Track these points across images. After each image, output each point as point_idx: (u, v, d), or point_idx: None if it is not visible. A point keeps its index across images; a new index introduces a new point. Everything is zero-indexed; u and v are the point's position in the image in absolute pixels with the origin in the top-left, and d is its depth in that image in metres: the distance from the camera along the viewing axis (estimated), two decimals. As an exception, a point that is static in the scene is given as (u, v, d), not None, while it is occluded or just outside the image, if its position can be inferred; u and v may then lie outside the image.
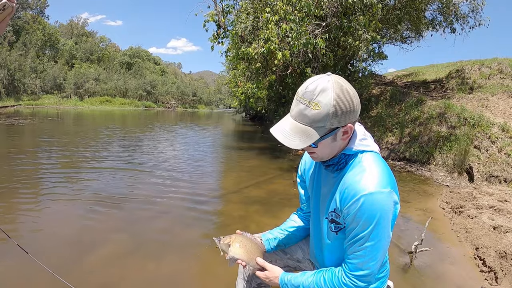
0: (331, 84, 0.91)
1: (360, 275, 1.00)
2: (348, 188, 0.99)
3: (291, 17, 6.08)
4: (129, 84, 47.73)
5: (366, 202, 0.93)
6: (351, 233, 0.99)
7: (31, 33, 40.29)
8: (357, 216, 0.95)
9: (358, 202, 0.94)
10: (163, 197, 3.81)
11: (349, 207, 0.97)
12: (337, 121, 0.93)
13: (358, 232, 0.96)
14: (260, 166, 6.05)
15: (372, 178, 0.95)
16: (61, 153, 6.44)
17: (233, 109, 37.96)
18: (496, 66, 8.97)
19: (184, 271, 2.19)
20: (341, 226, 1.06)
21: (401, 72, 17.06)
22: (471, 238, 2.80)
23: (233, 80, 11.31)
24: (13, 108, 25.89)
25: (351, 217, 0.97)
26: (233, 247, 1.23)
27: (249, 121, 25.80)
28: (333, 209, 1.07)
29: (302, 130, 0.95)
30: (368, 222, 0.94)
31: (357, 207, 0.94)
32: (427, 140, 6.42)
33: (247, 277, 1.41)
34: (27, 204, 3.32)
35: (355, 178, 0.98)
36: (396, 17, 8.81)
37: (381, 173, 0.97)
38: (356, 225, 0.96)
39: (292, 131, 0.96)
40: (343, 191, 1.01)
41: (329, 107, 0.90)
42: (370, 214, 0.93)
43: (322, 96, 0.91)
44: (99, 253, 2.34)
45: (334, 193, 1.06)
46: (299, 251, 1.40)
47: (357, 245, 0.98)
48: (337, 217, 1.06)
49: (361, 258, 0.98)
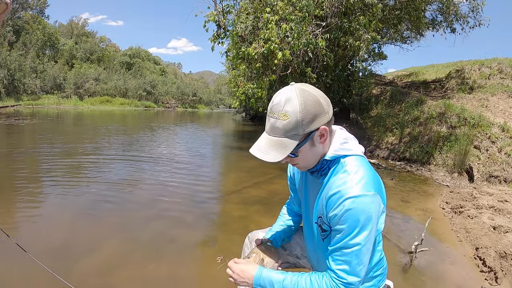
0: (294, 92, 0.93)
1: (348, 283, 0.97)
2: (332, 193, 0.98)
3: (292, 17, 6.08)
4: (129, 84, 47.72)
5: (351, 205, 0.92)
6: (336, 238, 0.97)
7: (31, 33, 40.30)
8: (342, 220, 0.94)
9: (343, 206, 0.93)
10: (163, 197, 3.81)
11: (334, 211, 0.96)
12: (308, 126, 0.94)
13: (344, 237, 0.95)
14: (260, 166, 6.05)
15: (356, 182, 0.95)
16: (61, 153, 6.44)
17: (233, 109, 37.95)
18: (496, 66, 8.97)
19: (184, 271, 2.19)
20: (327, 233, 1.05)
21: (401, 72, 17.07)
22: (471, 238, 2.80)
23: (233, 80, 11.30)
24: (13, 108, 25.89)
25: (336, 221, 0.96)
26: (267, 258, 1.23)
27: (249, 121, 25.80)
28: (320, 214, 1.06)
29: (277, 142, 0.96)
30: (353, 226, 0.93)
31: (342, 210, 0.94)
32: (427, 140, 6.42)
33: None
34: (26, 204, 3.32)
35: (339, 182, 0.98)
36: (396, 17, 8.82)
37: (364, 176, 0.96)
38: (341, 229, 0.95)
39: (267, 146, 0.97)
40: (328, 196, 1.00)
41: (297, 113, 0.92)
42: (355, 217, 0.92)
43: (288, 106, 0.92)
44: (99, 253, 2.34)
45: (321, 199, 1.05)
46: (298, 247, 1.41)
47: (343, 250, 0.96)
48: (323, 224, 1.05)
49: (348, 263, 0.96)
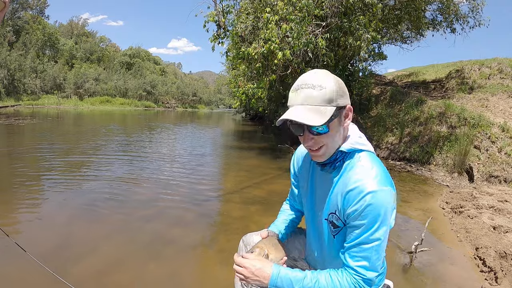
0: (324, 72, 0.99)
1: (368, 279, 0.97)
2: (350, 188, 0.98)
3: (292, 17, 6.07)
4: (129, 84, 47.73)
5: (371, 200, 0.93)
6: (354, 234, 0.97)
7: (31, 33, 40.30)
8: (362, 215, 0.94)
9: (364, 201, 0.94)
10: (163, 196, 3.81)
11: (354, 206, 0.96)
12: (340, 99, 0.97)
13: (363, 232, 0.95)
14: (260, 166, 6.05)
15: (373, 177, 0.96)
16: (61, 153, 6.44)
17: (233, 109, 37.95)
18: (496, 66, 8.97)
19: (184, 271, 2.19)
20: (339, 229, 1.05)
21: (401, 72, 17.06)
22: (471, 238, 2.79)
23: (234, 80, 11.32)
24: (13, 108, 25.88)
25: (356, 217, 0.96)
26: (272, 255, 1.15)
27: (249, 121, 25.80)
28: (333, 210, 1.05)
29: (314, 110, 0.95)
30: (373, 221, 0.94)
31: (363, 206, 0.94)
32: (427, 140, 6.42)
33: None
34: (26, 204, 3.32)
35: (356, 177, 0.98)
36: (396, 17, 8.81)
37: (379, 172, 0.98)
38: (360, 225, 0.95)
39: (304, 113, 0.95)
40: (346, 192, 1.00)
41: (332, 86, 0.96)
42: (375, 212, 0.93)
43: (323, 79, 0.96)
44: (99, 252, 2.34)
45: (335, 194, 1.04)
46: (296, 250, 1.40)
47: (362, 246, 0.96)
48: (337, 220, 1.04)
49: (368, 259, 0.96)
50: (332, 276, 1.01)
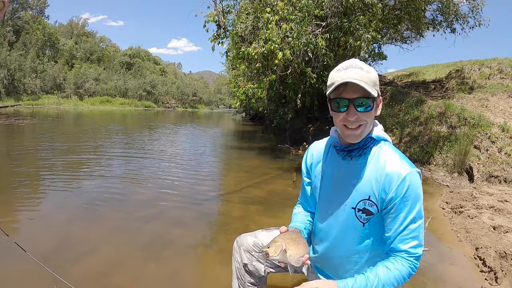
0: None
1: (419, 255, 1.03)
2: (388, 171, 1.03)
3: (292, 17, 6.07)
4: (129, 84, 47.74)
5: (412, 180, 1.00)
6: (401, 217, 1.01)
7: (31, 33, 40.32)
8: (406, 195, 1.00)
9: (405, 182, 1.00)
10: (163, 196, 3.81)
11: (397, 188, 1.00)
12: (378, 89, 1.07)
13: (409, 213, 1.01)
14: (260, 166, 6.04)
15: (406, 161, 1.05)
16: (61, 152, 6.44)
17: (233, 109, 37.95)
18: (496, 66, 8.97)
19: (184, 271, 2.19)
20: (372, 216, 1.07)
21: (401, 72, 17.05)
22: (471, 238, 2.79)
23: (234, 80, 11.32)
24: (13, 108, 25.90)
25: (400, 198, 1.00)
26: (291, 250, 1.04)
27: (249, 121, 25.80)
28: (366, 196, 1.07)
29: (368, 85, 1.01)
30: (415, 200, 1.01)
31: (406, 186, 1.00)
32: (427, 140, 6.42)
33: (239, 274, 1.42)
34: (26, 204, 3.32)
35: (391, 161, 1.04)
36: (396, 17, 8.81)
37: (406, 157, 1.08)
38: (405, 205, 1.00)
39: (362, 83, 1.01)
40: (384, 176, 1.03)
41: (375, 73, 1.06)
42: (415, 192, 1.00)
43: (368, 67, 1.06)
44: (99, 252, 2.34)
45: (367, 180, 1.07)
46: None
47: (410, 227, 1.01)
48: (371, 205, 1.06)
49: (417, 238, 1.02)
50: (389, 267, 1.04)
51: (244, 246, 1.42)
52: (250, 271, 1.41)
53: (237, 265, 1.43)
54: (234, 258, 1.45)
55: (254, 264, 1.40)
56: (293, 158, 7.06)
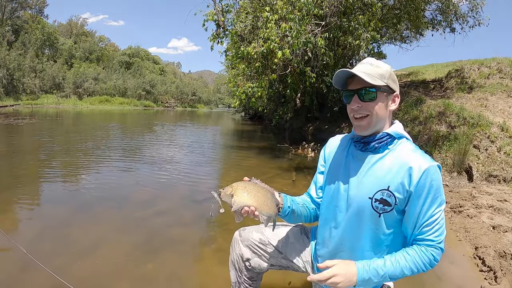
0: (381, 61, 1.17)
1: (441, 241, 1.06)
2: (410, 164, 1.05)
3: (291, 16, 6.07)
4: (128, 83, 47.66)
5: (434, 172, 1.03)
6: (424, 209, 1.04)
7: (30, 32, 40.26)
8: (430, 186, 1.02)
9: (426, 174, 1.02)
10: (162, 196, 3.81)
11: (419, 181, 1.02)
12: (392, 83, 1.12)
13: (431, 205, 1.03)
14: (259, 166, 6.04)
15: (427, 156, 1.08)
16: (61, 152, 6.43)
17: (232, 108, 37.92)
18: (496, 66, 8.97)
19: (184, 271, 2.19)
20: (389, 208, 1.07)
21: (401, 71, 17.05)
22: (471, 237, 2.80)
23: (233, 79, 11.32)
24: (12, 107, 25.86)
25: (423, 189, 1.03)
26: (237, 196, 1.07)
27: (248, 120, 25.79)
28: (385, 187, 1.07)
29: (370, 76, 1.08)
30: (438, 190, 1.04)
31: (427, 178, 1.02)
32: (426, 140, 6.42)
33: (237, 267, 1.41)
34: (26, 204, 3.31)
35: (413, 155, 1.07)
36: (395, 16, 8.81)
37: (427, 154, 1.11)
38: (429, 196, 1.03)
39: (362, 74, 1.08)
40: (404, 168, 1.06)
41: (387, 69, 1.13)
42: (438, 183, 1.04)
43: (381, 63, 1.14)
44: (98, 253, 2.34)
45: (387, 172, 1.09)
46: (294, 253, 1.39)
47: (432, 217, 1.04)
48: (389, 196, 1.07)
49: (440, 227, 1.05)
50: (410, 253, 1.07)
51: (249, 241, 1.39)
52: (252, 266, 1.39)
53: (237, 258, 1.41)
54: (233, 249, 1.43)
55: (256, 260, 1.39)
56: (292, 157, 7.06)
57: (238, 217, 1.09)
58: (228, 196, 1.08)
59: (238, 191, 1.08)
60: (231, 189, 1.09)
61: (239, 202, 1.06)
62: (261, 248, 1.38)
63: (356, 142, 1.17)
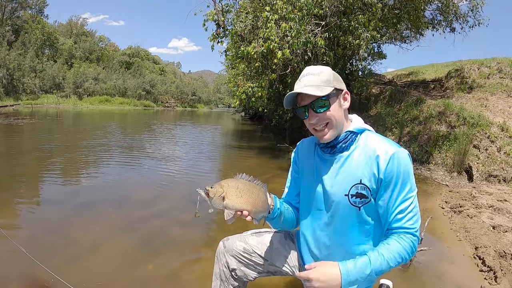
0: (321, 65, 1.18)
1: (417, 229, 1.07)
2: (377, 153, 1.06)
3: (291, 16, 6.06)
4: (128, 83, 47.61)
5: (400, 157, 1.04)
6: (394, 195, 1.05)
7: (30, 32, 40.22)
8: (397, 171, 1.03)
9: (393, 159, 1.03)
10: (162, 196, 3.81)
11: (386, 167, 1.04)
12: (338, 83, 1.12)
13: (402, 188, 1.04)
14: (259, 166, 6.04)
15: (393, 143, 1.09)
16: (61, 152, 6.43)
17: (232, 108, 37.91)
18: (496, 66, 8.97)
19: (184, 271, 2.19)
20: (366, 200, 1.08)
21: (401, 71, 17.04)
22: (471, 237, 2.80)
23: (233, 79, 11.32)
24: (12, 107, 25.83)
25: (392, 174, 1.04)
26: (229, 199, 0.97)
27: (248, 120, 25.78)
28: (358, 181, 1.09)
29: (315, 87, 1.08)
30: (407, 176, 1.04)
31: (395, 163, 1.03)
32: (427, 140, 6.42)
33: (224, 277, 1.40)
34: (26, 204, 3.31)
35: (378, 144, 1.08)
36: (395, 16, 8.80)
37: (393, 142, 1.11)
38: (397, 182, 1.04)
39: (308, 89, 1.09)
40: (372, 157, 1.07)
41: (330, 73, 1.13)
42: (406, 168, 1.04)
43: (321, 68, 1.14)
44: (98, 253, 2.34)
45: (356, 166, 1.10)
46: (281, 258, 1.38)
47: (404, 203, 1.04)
48: (363, 189, 1.08)
49: (413, 213, 1.06)
50: (390, 243, 1.06)
51: (233, 251, 1.38)
52: (239, 276, 1.38)
53: (223, 268, 1.40)
54: (219, 260, 1.41)
55: (243, 269, 1.38)
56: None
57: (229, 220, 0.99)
58: (218, 199, 0.98)
59: (230, 194, 0.97)
60: (221, 189, 0.98)
61: (232, 207, 0.96)
62: (245, 257, 1.37)
63: (323, 148, 1.18)
